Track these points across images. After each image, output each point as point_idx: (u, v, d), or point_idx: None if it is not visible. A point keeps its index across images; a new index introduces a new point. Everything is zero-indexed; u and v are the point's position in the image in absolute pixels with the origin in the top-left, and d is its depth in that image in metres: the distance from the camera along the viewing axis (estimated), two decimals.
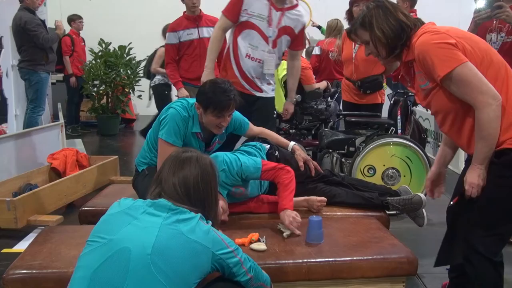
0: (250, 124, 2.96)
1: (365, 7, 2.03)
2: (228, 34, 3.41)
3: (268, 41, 3.25)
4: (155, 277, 1.45)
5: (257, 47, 3.24)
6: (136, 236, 1.50)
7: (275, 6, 3.21)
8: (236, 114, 2.78)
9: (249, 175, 2.59)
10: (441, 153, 2.20)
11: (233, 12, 3.21)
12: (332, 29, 5.61)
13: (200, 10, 4.27)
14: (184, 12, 4.30)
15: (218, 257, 1.58)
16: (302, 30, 3.44)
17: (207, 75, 3.24)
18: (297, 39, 3.41)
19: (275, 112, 3.57)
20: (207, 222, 1.62)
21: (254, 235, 2.26)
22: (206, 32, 4.18)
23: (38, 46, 5.30)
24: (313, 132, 4.73)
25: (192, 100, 2.70)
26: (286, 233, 2.35)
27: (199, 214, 1.60)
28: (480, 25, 2.74)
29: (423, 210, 2.85)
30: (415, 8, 5.06)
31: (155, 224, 1.52)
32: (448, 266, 2.87)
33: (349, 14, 4.09)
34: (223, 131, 2.70)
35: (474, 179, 1.87)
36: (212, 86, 2.58)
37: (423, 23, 1.97)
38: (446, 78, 1.81)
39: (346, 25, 4.46)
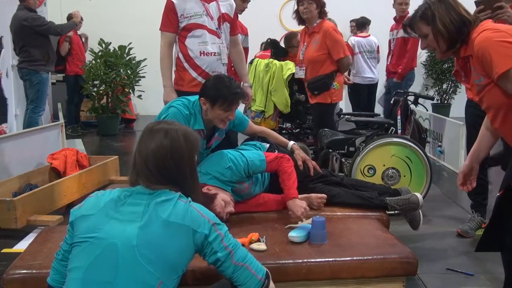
0: (250, 122, 2.99)
1: (425, 1, 2.04)
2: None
3: (214, 33, 3.25)
4: (144, 268, 1.47)
5: (208, 42, 3.23)
6: (120, 230, 1.51)
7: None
8: (237, 111, 2.79)
9: (255, 170, 2.62)
10: (476, 148, 2.21)
11: (171, 23, 3.19)
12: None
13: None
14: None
15: (198, 234, 1.55)
16: (236, 14, 3.47)
17: (168, 93, 3.18)
18: (233, 24, 3.43)
19: (279, 111, 3.49)
20: (186, 199, 1.59)
21: (254, 235, 2.26)
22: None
23: (53, 34, 5.27)
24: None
25: (193, 98, 2.71)
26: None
27: (178, 194, 1.58)
28: None
29: (420, 212, 2.84)
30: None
31: (137, 214, 1.53)
32: (448, 266, 2.89)
33: (297, 13, 4.14)
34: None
35: None
36: (218, 81, 2.63)
37: (481, 20, 1.99)
38: (504, 75, 1.82)
39: (296, 26, 4.48)
